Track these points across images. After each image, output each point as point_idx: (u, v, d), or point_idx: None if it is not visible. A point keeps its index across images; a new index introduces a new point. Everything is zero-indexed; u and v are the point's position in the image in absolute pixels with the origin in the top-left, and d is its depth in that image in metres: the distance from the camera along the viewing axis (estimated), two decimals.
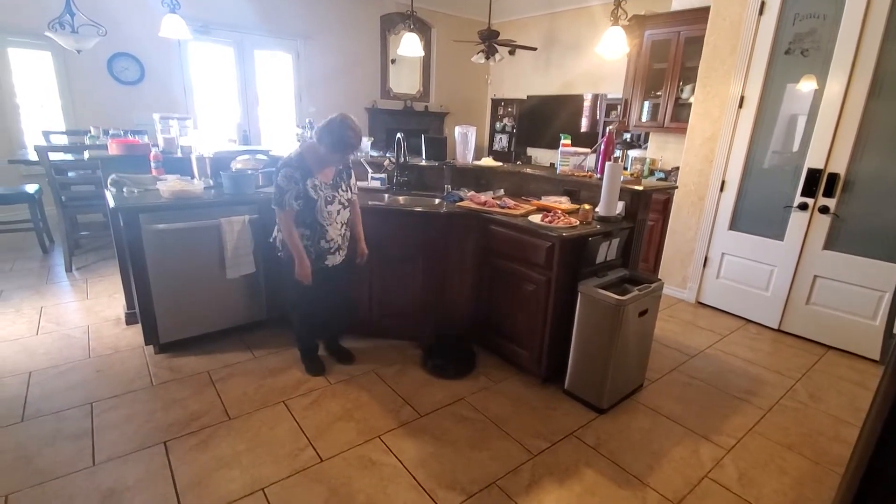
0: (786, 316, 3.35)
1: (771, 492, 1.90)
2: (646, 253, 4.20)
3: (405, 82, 7.78)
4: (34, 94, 5.07)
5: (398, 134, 3.31)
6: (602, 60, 5.85)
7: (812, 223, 3.13)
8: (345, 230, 2.44)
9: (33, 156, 3.94)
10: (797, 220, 3.20)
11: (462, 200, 2.86)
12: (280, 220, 2.26)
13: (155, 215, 2.46)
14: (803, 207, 3.15)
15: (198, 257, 2.63)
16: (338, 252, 2.42)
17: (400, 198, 3.16)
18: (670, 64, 4.33)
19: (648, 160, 4.60)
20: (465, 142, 3.37)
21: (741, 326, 3.47)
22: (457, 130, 3.38)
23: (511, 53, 7.48)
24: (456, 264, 2.79)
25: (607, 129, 2.77)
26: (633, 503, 1.81)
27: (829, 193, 3.03)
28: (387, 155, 3.58)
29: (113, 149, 2.95)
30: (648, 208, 2.78)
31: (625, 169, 3.30)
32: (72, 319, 3.05)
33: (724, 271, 3.66)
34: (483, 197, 2.82)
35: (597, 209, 2.56)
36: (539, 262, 2.39)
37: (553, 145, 6.62)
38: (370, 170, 3.35)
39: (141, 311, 2.56)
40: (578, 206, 2.58)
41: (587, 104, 6.71)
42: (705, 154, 3.63)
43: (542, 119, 7.38)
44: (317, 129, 2.22)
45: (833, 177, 3.00)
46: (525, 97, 7.65)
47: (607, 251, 2.47)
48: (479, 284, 2.77)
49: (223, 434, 2.07)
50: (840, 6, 2.86)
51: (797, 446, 2.19)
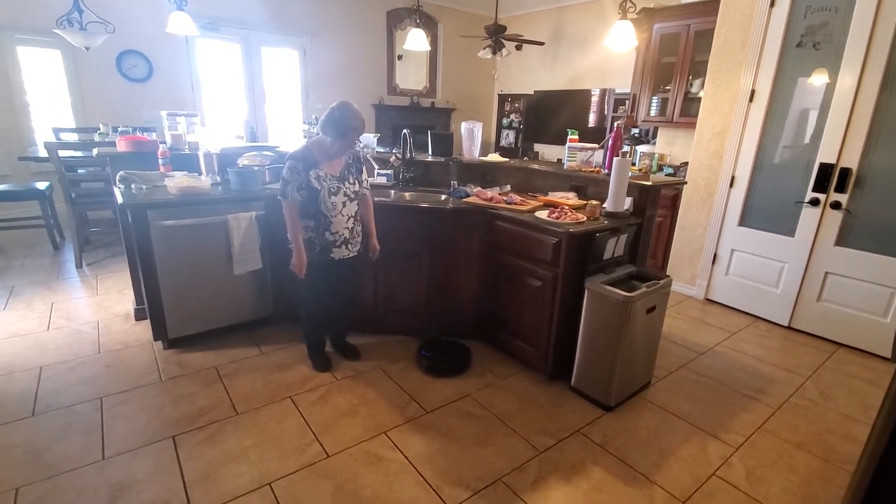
0: (796, 313, 3.31)
1: (779, 490, 1.89)
2: (654, 249, 4.16)
3: (411, 78, 7.76)
4: (44, 92, 5.12)
5: (404, 130, 3.31)
6: (610, 55, 5.81)
7: (824, 219, 3.09)
8: (352, 223, 2.41)
9: (43, 153, 3.98)
10: (808, 216, 3.15)
11: (468, 196, 2.85)
12: (284, 210, 2.28)
13: (163, 212, 2.48)
14: (815, 203, 3.10)
15: (205, 253, 2.65)
16: (345, 245, 2.40)
17: (406, 194, 3.16)
18: (679, 58, 4.28)
19: (657, 155, 4.56)
20: (472, 137, 3.36)
21: (750, 324, 3.43)
22: (463, 126, 3.36)
23: (518, 48, 7.43)
24: (462, 260, 2.78)
25: (615, 124, 2.74)
26: (641, 501, 1.80)
27: (842, 189, 2.99)
28: (393, 151, 3.57)
29: (121, 146, 2.97)
30: (657, 204, 2.75)
31: (633, 164, 3.28)
32: (82, 315, 3.08)
33: (734, 268, 3.62)
34: (489, 193, 2.81)
35: (604, 205, 2.54)
36: (546, 259, 2.37)
37: (560, 141, 6.58)
38: (376, 166, 3.34)
39: (150, 307, 2.59)
40: (586, 202, 2.56)
41: (595, 99, 6.65)
42: (715, 149, 3.59)
43: (550, 114, 7.33)
44: (320, 121, 2.24)
45: (845, 172, 2.96)
46: (532, 92, 7.60)
47: (615, 247, 2.45)
48: (486, 280, 2.77)
49: (231, 429, 2.09)
50: None
51: (806, 444, 2.17)
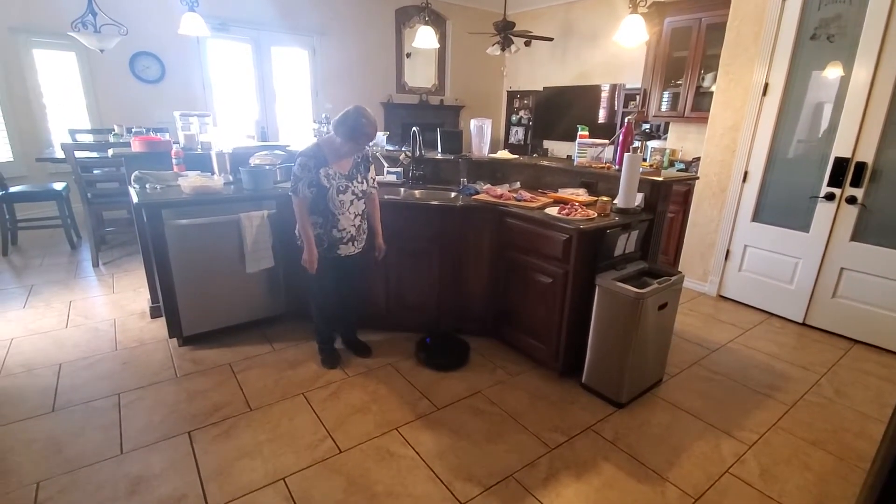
0: (811, 309, 3.27)
1: (794, 488, 1.87)
2: (665, 245, 4.13)
3: (420, 76, 7.76)
4: (60, 94, 5.21)
5: (414, 128, 3.31)
6: (620, 50, 5.75)
7: (839, 214, 3.04)
8: (359, 221, 2.46)
9: (60, 154, 4.05)
10: (823, 211, 3.11)
11: (478, 193, 2.85)
12: (294, 206, 2.33)
13: (177, 211, 2.52)
14: (830, 198, 3.06)
15: (218, 252, 2.68)
16: (351, 242, 2.45)
17: (416, 191, 3.17)
18: (691, 52, 4.23)
19: (668, 151, 4.51)
20: (481, 135, 3.36)
21: (764, 320, 3.40)
22: (472, 123, 3.36)
23: (527, 45, 7.39)
24: (472, 258, 2.79)
25: (626, 120, 2.72)
26: (653, 497, 1.80)
27: (857, 183, 2.94)
28: (402, 149, 3.58)
29: (136, 146, 3.01)
30: (668, 200, 2.73)
31: (644, 160, 3.25)
32: (99, 313, 3.14)
33: (747, 264, 3.58)
34: (499, 190, 2.81)
35: (615, 201, 2.52)
36: (556, 255, 2.37)
37: (570, 137, 6.54)
38: (386, 164, 3.36)
39: (165, 305, 2.63)
40: (596, 198, 2.55)
41: (605, 94, 6.60)
42: (727, 144, 3.55)
43: (559, 110, 7.29)
44: (333, 121, 2.28)
45: (861, 166, 2.91)
46: (541, 89, 7.56)
47: (626, 244, 2.44)
48: (496, 278, 2.77)
49: (244, 425, 2.12)
50: None
51: (821, 442, 2.14)
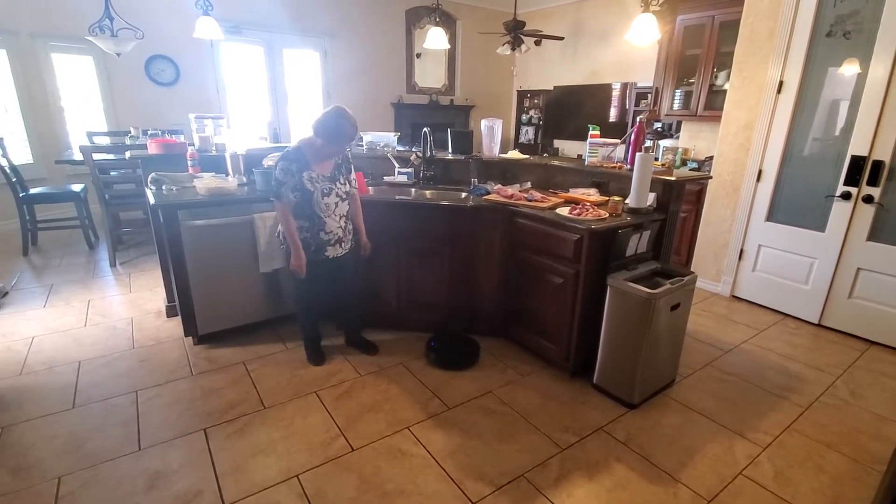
0: (826, 310, 3.22)
1: (808, 490, 1.85)
2: (678, 245, 4.10)
3: (430, 76, 7.78)
4: (78, 97, 5.31)
5: (424, 128, 3.33)
6: (631, 48, 5.72)
7: (855, 213, 2.99)
8: (345, 222, 2.48)
9: (79, 156, 4.14)
10: (839, 211, 3.06)
11: (489, 194, 2.86)
12: (278, 211, 2.33)
13: (192, 212, 2.56)
14: (846, 197, 3.01)
15: (232, 252, 2.72)
16: (338, 244, 2.46)
17: (426, 192, 3.18)
18: (704, 49, 4.19)
19: (680, 150, 4.48)
20: (492, 135, 3.36)
21: (779, 321, 3.36)
22: (483, 123, 3.37)
23: (537, 44, 7.36)
24: (483, 258, 2.80)
25: (637, 119, 2.71)
26: (665, 499, 1.79)
27: (874, 182, 2.89)
28: (413, 149, 3.60)
29: (152, 148, 3.07)
30: (681, 199, 2.71)
31: (656, 159, 3.23)
32: (116, 312, 3.20)
33: (761, 264, 3.54)
34: (510, 190, 2.81)
35: (627, 201, 2.51)
36: (567, 255, 2.37)
37: (580, 136, 6.52)
38: (397, 164, 3.38)
39: (180, 304, 2.67)
40: (607, 198, 2.54)
41: (616, 93, 6.56)
42: (741, 143, 3.51)
43: (569, 110, 7.26)
44: (313, 123, 2.26)
45: (878, 164, 2.86)
46: (552, 88, 7.54)
47: (638, 244, 2.43)
48: (507, 278, 2.77)
49: (259, 422, 2.15)
50: None
51: (836, 444, 2.12)
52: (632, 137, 2.69)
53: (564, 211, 2.45)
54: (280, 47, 6.37)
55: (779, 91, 3.24)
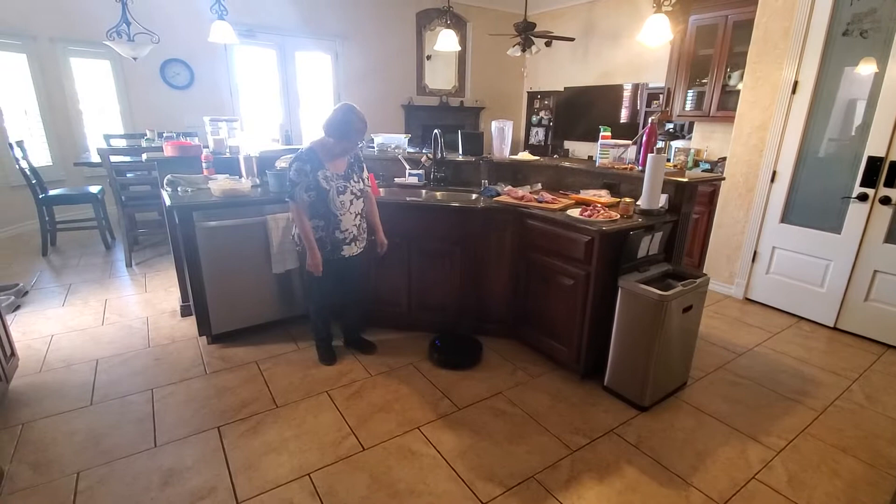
0: (842, 313, 3.17)
1: (823, 495, 1.83)
2: (690, 247, 4.06)
3: (440, 78, 7.80)
4: (95, 101, 5.42)
5: (435, 130, 3.34)
6: (643, 49, 5.68)
7: (872, 215, 2.95)
8: (360, 220, 2.49)
9: (96, 158, 4.22)
10: (856, 212, 3.02)
11: (499, 195, 2.86)
12: (293, 212, 2.34)
13: (207, 213, 2.60)
14: (863, 198, 2.97)
15: (246, 253, 2.76)
16: (353, 242, 2.48)
17: (437, 193, 3.20)
18: (717, 50, 4.16)
19: (693, 151, 4.44)
20: (502, 136, 3.36)
21: (793, 324, 3.31)
22: (493, 125, 3.37)
23: (547, 45, 7.34)
24: (493, 259, 2.80)
25: (649, 120, 2.70)
26: (677, 502, 1.78)
27: (891, 183, 2.84)
28: (423, 151, 3.62)
29: (168, 150, 3.12)
30: (693, 201, 2.69)
31: (668, 160, 3.21)
32: (133, 311, 3.26)
33: (775, 266, 3.50)
34: (520, 191, 2.82)
35: (638, 202, 2.50)
36: (578, 257, 2.37)
37: (591, 138, 6.49)
38: (408, 166, 3.40)
39: (195, 304, 2.71)
40: (619, 200, 2.53)
41: (627, 94, 6.52)
42: (755, 143, 3.48)
43: (580, 111, 7.23)
44: (323, 123, 2.29)
45: (895, 165, 2.82)
46: (562, 89, 7.51)
47: (649, 245, 2.42)
48: (517, 279, 2.77)
49: (271, 421, 2.18)
50: None
51: (852, 449, 2.09)
52: (643, 138, 2.68)
53: (575, 212, 2.45)
54: (292, 50, 6.43)
55: (794, 91, 3.21)
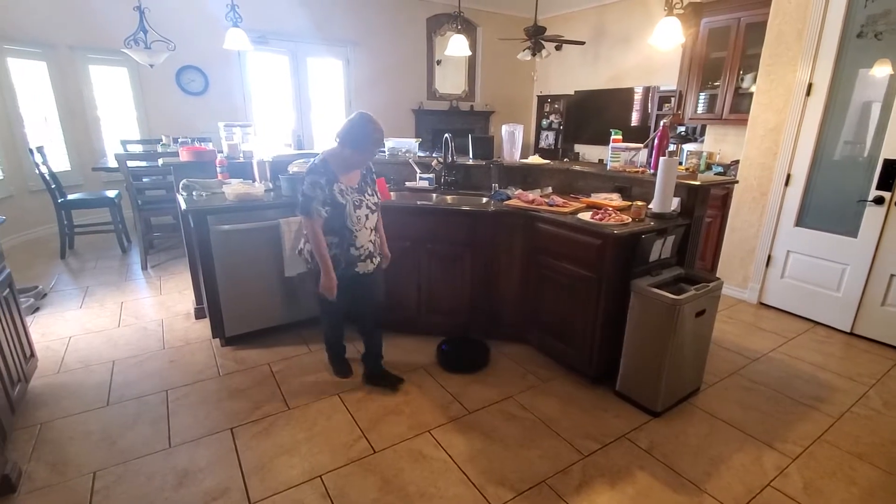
0: (859, 318, 3.12)
1: (839, 502, 1.80)
2: (703, 251, 4.03)
3: (450, 82, 7.83)
4: (112, 107, 5.53)
5: (446, 134, 3.36)
6: (654, 52, 5.66)
7: (889, 218, 2.90)
8: (374, 236, 2.35)
9: (113, 163, 4.30)
10: (872, 216, 2.97)
11: (509, 199, 2.86)
12: (307, 229, 2.17)
13: (221, 217, 2.64)
14: (879, 202, 2.92)
15: (259, 256, 2.79)
16: (369, 259, 2.32)
17: (448, 197, 3.21)
18: (730, 52, 4.13)
19: (705, 154, 4.41)
20: (513, 140, 3.37)
21: (809, 329, 3.26)
22: (504, 129, 3.38)
23: (558, 49, 7.36)
24: (504, 263, 2.80)
25: (661, 123, 2.69)
26: None
27: None
28: (434, 155, 3.64)
29: (184, 155, 3.17)
30: (706, 204, 2.67)
31: (680, 163, 3.19)
32: (148, 313, 3.31)
33: (790, 270, 3.45)
34: (531, 195, 2.82)
35: (650, 205, 2.49)
36: (589, 261, 2.36)
37: (601, 141, 6.46)
38: (418, 170, 3.42)
39: (209, 307, 2.75)
40: (630, 203, 2.52)
41: (638, 97, 6.49)
42: (768, 146, 3.44)
43: (590, 114, 7.21)
44: (339, 133, 2.15)
45: None
46: (572, 92, 7.50)
47: (661, 249, 2.40)
48: (527, 283, 2.77)
49: (283, 423, 2.20)
50: None
51: (868, 456, 2.05)
52: (655, 141, 2.67)
53: (586, 216, 2.44)
54: (304, 56, 6.51)
55: (808, 93, 3.17)
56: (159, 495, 1.77)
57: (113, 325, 3.12)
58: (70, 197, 4.43)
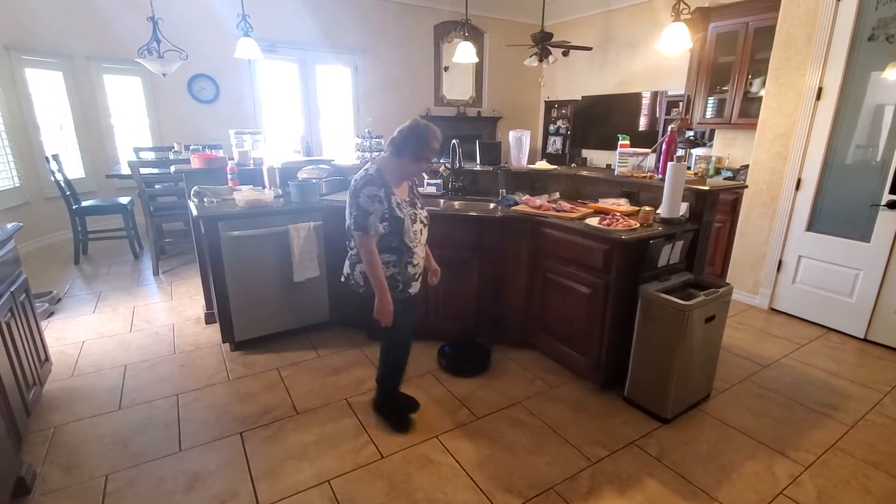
0: (873, 324, 3.07)
1: None
2: (712, 256, 3.99)
3: (458, 89, 7.87)
4: (126, 115, 5.63)
5: (454, 140, 3.38)
6: (661, 57, 5.63)
7: None
8: (425, 253, 2.15)
9: (126, 170, 4.37)
10: (886, 220, 2.93)
11: (517, 204, 2.87)
12: (362, 248, 1.91)
13: (231, 223, 2.67)
14: (892, 206, 2.88)
15: (268, 262, 2.82)
16: (420, 278, 2.13)
17: (455, 203, 3.22)
18: (738, 57, 4.11)
19: (714, 158, 4.39)
20: (520, 146, 3.38)
21: (821, 335, 3.22)
22: (511, 135, 3.39)
23: (565, 55, 7.36)
24: (512, 268, 2.80)
25: (669, 128, 2.68)
26: None
27: None
28: (441, 161, 3.65)
29: (195, 162, 3.22)
30: (715, 209, 2.66)
31: (688, 168, 3.18)
32: (159, 318, 3.35)
33: (802, 276, 3.41)
34: (538, 200, 2.82)
35: (658, 211, 2.48)
36: (597, 266, 2.35)
37: (609, 146, 6.44)
38: (426, 175, 3.43)
39: (219, 312, 2.78)
40: (638, 208, 2.52)
41: (646, 102, 6.48)
42: (778, 151, 3.42)
43: (598, 119, 7.21)
44: (396, 140, 1.94)
45: None
46: (580, 98, 7.51)
47: (670, 254, 2.39)
48: (535, 288, 2.77)
49: (292, 427, 2.21)
50: None
51: (884, 464, 2.01)
52: (663, 146, 2.66)
53: (594, 221, 2.44)
54: (313, 64, 6.59)
55: (818, 97, 3.15)
56: (170, 499, 1.79)
57: (125, 330, 3.16)
58: (84, 204, 4.51)
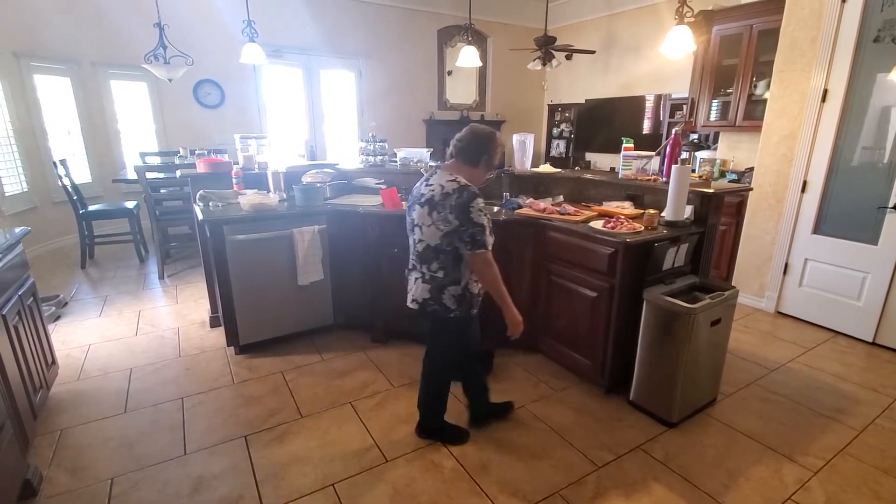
0: (881, 327, 3.04)
1: None
2: (717, 259, 3.97)
3: (461, 93, 7.89)
4: (132, 120, 5.68)
5: None
6: (665, 60, 5.63)
7: None
8: None
9: (132, 175, 4.41)
10: (893, 222, 2.91)
11: (521, 207, 2.87)
12: (485, 265, 1.81)
13: (236, 227, 2.68)
14: None
15: (273, 265, 2.83)
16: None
17: None
18: (742, 59, 4.10)
19: (718, 161, 4.37)
20: (523, 149, 3.38)
21: (829, 339, 3.19)
22: (514, 138, 3.40)
23: (568, 58, 7.38)
24: (515, 272, 2.79)
25: (673, 131, 2.68)
26: None
27: None
28: None
29: (201, 167, 3.24)
30: (720, 212, 2.64)
31: (693, 171, 3.17)
32: (164, 322, 3.37)
33: (808, 279, 3.39)
34: (542, 204, 2.82)
35: (663, 213, 2.48)
36: (601, 269, 2.35)
37: (612, 149, 6.44)
38: None
39: (224, 315, 2.79)
40: (642, 211, 2.51)
41: (649, 105, 6.47)
42: (783, 153, 3.40)
43: (601, 123, 7.20)
44: (466, 148, 1.86)
45: None
46: (583, 101, 7.51)
47: (675, 257, 2.38)
48: (539, 292, 2.76)
49: (296, 431, 2.21)
50: None
51: (894, 470, 1.99)
52: (667, 149, 2.65)
53: (598, 224, 2.44)
54: (317, 69, 6.63)
55: (823, 99, 3.14)
56: (175, 502, 1.79)
57: (131, 334, 3.18)
58: (91, 208, 4.54)
